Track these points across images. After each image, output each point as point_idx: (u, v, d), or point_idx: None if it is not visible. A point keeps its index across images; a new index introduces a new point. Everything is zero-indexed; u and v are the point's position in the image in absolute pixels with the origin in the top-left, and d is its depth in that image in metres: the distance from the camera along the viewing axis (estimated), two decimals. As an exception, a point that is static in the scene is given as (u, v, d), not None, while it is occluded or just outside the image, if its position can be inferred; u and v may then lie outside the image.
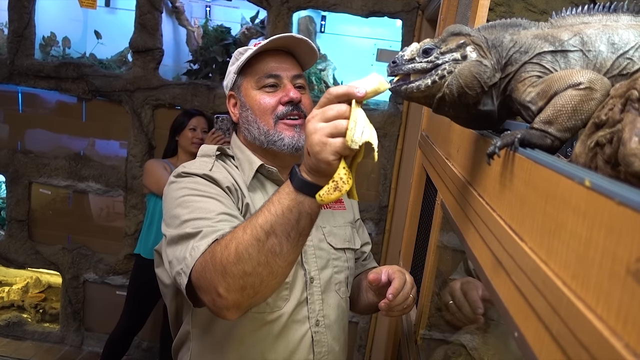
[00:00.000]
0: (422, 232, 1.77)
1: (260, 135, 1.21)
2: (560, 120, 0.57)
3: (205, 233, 0.99)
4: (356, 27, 3.32)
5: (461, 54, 0.67)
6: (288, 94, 1.20)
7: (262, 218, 0.89)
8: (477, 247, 0.71)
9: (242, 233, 0.90)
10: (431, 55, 0.69)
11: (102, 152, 3.16)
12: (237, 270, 0.89)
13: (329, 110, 0.82)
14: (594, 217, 0.36)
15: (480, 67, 0.66)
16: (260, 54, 1.24)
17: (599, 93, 0.57)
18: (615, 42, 0.63)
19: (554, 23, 0.70)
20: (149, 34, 2.88)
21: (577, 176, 0.40)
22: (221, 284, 0.90)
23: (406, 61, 0.71)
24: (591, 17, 0.68)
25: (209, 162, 1.20)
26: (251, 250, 0.88)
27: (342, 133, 0.80)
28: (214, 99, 2.89)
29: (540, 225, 0.48)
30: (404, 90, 0.71)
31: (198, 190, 1.09)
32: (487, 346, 1.33)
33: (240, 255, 0.89)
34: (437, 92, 0.68)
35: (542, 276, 0.44)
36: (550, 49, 0.66)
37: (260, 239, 0.88)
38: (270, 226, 0.88)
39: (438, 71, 0.67)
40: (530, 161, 0.52)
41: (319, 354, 1.20)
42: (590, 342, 0.34)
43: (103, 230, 3.22)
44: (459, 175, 0.90)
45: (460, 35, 0.69)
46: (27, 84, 3.00)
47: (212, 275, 0.92)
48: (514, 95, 0.67)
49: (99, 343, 3.23)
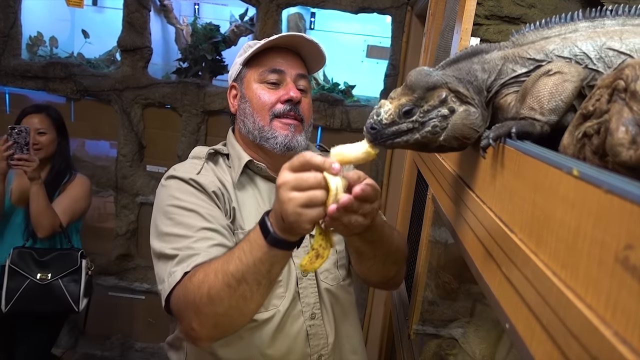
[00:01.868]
0: (414, 227, 1.77)
1: (255, 129, 1.20)
2: (541, 104, 0.58)
3: (182, 258, 1.02)
4: (346, 23, 3.31)
5: (448, 108, 0.66)
6: (288, 92, 1.19)
7: (234, 266, 0.91)
8: (467, 239, 0.71)
9: (214, 277, 0.93)
10: (414, 116, 0.67)
11: (92, 152, 3.13)
12: (209, 311, 0.94)
13: (304, 180, 0.80)
14: (582, 207, 0.37)
15: (470, 116, 0.67)
16: (268, 50, 1.23)
17: (570, 75, 0.59)
18: (577, 53, 0.64)
19: (515, 42, 0.70)
20: (138, 32, 2.86)
21: (566, 166, 0.40)
22: (194, 320, 0.96)
23: (387, 125, 0.68)
24: (550, 31, 0.68)
25: (198, 165, 1.20)
26: (223, 294, 0.92)
27: (317, 204, 0.79)
28: (204, 97, 2.88)
29: (529, 216, 0.48)
30: (389, 144, 0.70)
31: (181, 200, 1.11)
32: (478, 339, 1.34)
33: (212, 298, 0.92)
34: (429, 143, 0.68)
35: (532, 267, 0.44)
36: (523, 71, 0.67)
37: (231, 286, 0.91)
38: (242, 275, 0.90)
39: (427, 127, 0.67)
40: (519, 152, 0.52)
41: (317, 347, 1.19)
42: (580, 331, 0.34)
43: (94, 230, 3.19)
44: (450, 169, 0.91)
45: (437, 89, 0.67)
46: (14, 84, 2.96)
47: (185, 311, 0.98)
48: (500, 113, 0.69)
49: (93, 345, 3.21)
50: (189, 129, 2.91)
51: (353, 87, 2.98)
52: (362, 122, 2.82)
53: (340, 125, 2.87)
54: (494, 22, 1.39)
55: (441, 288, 1.54)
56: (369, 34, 3.31)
